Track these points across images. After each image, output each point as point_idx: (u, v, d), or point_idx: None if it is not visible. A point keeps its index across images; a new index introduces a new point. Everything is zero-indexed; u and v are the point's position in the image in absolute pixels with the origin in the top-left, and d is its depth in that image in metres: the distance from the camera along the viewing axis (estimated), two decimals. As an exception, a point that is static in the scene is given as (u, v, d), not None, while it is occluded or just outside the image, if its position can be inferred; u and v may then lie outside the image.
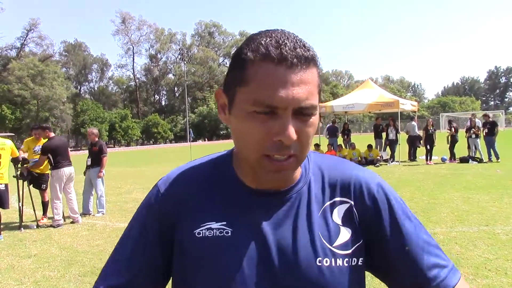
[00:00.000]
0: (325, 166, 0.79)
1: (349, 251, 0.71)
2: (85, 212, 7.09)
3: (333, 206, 0.74)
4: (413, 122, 14.69)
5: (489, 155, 12.83)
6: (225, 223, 0.72)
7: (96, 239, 5.35)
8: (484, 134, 12.97)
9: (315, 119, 0.66)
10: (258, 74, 0.62)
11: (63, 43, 71.95)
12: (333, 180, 0.76)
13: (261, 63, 0.62)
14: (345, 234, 0.72)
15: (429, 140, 13.53)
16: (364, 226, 0.74)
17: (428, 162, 13.35)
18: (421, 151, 14.34)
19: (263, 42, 0.63)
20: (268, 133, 0.63)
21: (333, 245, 0.71)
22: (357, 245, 0.73)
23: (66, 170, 6.34)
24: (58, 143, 6.38)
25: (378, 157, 13.88)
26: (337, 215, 0.73)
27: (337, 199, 0.75)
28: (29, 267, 4.29)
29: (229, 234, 0.71)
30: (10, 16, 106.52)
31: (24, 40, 59.60)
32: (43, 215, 6.67)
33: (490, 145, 12.76)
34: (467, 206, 6.33)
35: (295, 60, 0.61)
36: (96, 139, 7.25)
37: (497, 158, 12.62)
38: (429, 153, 13.50)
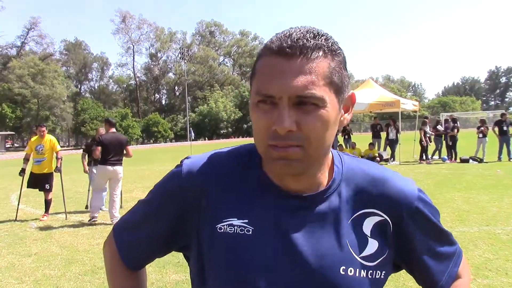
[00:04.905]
0: (360, 172, 0.75)
1: (374, 264, 0.70)
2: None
3: (364, 216, 0.72)
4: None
5: (500, 153, 12.87)
6: (247, 221, 0.71)
7: (97, 238, 5.35)
8: (497, 133, 13.00)
9: (324, 113, 0.62)
10: (261, 65, 0.65)
11: (63, 42, 72.07)
12: (369, 189, 0.73)
13: (265, 56, 0.65)
14: (372, 246, 0.71)
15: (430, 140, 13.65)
16: (398, 238, 0.73)
17: (428, 161, 13.38)
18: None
19: (273, 37, 0.66)
20: (268, 122, 0.63)
21: (360, 256, 0.70)
22: (382, 258, 0.71)
23: (109, 168, 6.11)
24: (110, 139, 6.13)
25: (376, 156, 13.86)
26: (367, 226, 0.72)
27: (370, 210, 0.72)
28: (30, 265, 4.29)
29: (250, 232, 0.70)
30: (10, 14, 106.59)
31: (25, 39, 59.78)
32: (44, 213, 6.67)
33: (507, 144, 12.80)
34: (468, 206, 6.33)
35: (294, 50, 0.61)
36: None
37: (510, 157, 12.68)
38: (434, 152, 13.64)
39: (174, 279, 3.73)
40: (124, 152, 6.36)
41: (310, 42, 0.62)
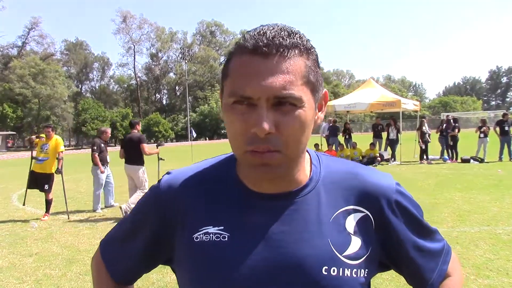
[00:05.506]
0: (338, 170, 0.74)
1: (358, 262, 0.68)
2: (107, 205, 7.66)
3: (346, 214, 0.70)
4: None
5: (501, 154, 12.85)
6: (222, 227, 0.69)
7: (98, 238, 5.35)
8: (499, 133, 12.99)
9: (302, 113, 0.61)
10: (235, 65, 0.62)
11: (64, 42, 72.00)
12: (348, 186, 0.72)
13: (239, 55, 0.62)
14: (356, 244, 0.69)
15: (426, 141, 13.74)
16: (380, 234, 0.72)
17: (429, 161, 13.38)
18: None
19: (246, 35, 0.63)
20: (246, 125, 0.60)
21: (343, 254, 0.68)
22: (366, 256, 0.70)
23: (125, 166, 6.63)
24: (126, 140, 6.72)
25: (376, 156, 13.85)
26: (350, 224, 0.70)
27: (351, 207, 0.71)
28: (31, 265, 4.30)
29: (226, 239, 0.68)
30: (11, 14, 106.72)
31: (25, 39, 59.74)
32: (45, 213, 6.69)
33: (508, 144, 12.80)
34: (469, 206, 6.32)
35: (271, 49, 0.59)
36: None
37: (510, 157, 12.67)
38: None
39: (175, 279, 3.70)
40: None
41: (286, 40, 0.60)
